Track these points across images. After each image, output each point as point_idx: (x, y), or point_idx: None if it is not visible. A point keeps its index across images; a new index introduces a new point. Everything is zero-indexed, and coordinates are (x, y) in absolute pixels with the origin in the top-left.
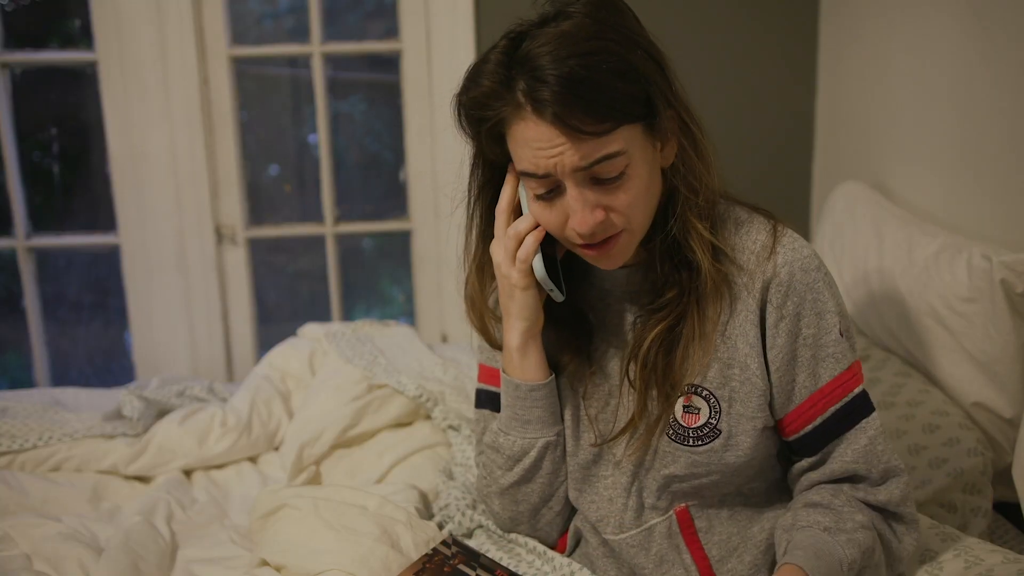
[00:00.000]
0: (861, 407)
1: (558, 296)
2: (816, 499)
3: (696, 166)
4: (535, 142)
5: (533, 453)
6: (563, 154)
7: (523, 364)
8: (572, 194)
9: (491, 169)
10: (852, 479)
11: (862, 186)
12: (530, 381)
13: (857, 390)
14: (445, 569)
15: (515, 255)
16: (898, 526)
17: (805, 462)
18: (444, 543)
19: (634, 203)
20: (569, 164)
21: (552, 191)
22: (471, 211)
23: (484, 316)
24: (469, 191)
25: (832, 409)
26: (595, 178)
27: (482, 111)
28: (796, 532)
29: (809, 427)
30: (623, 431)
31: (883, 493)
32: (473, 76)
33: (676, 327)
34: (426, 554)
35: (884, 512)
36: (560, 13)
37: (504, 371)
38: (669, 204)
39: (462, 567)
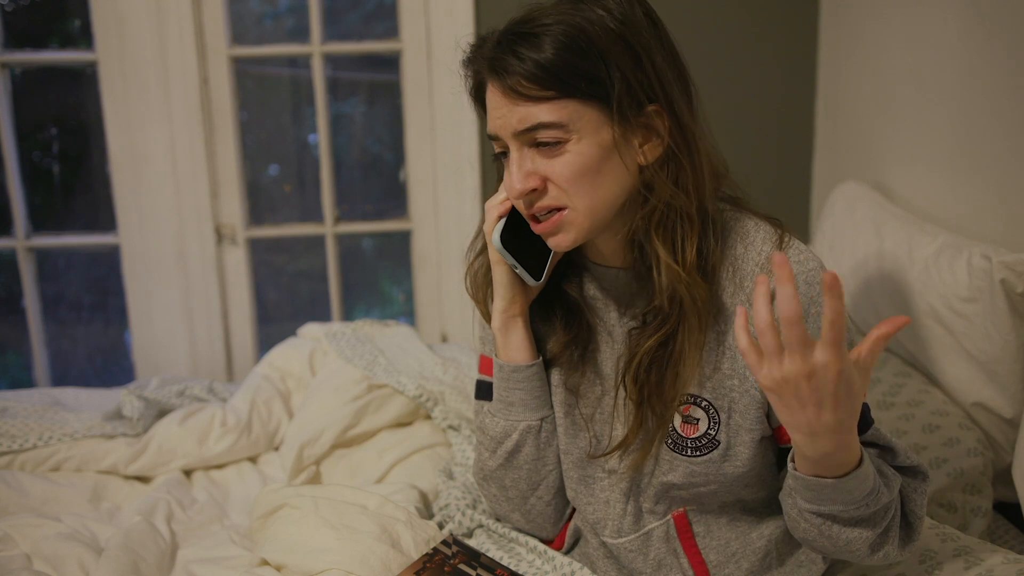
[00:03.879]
0: (866, 416)
1: (525, 276)
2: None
3: (669, 176)
4: (491, 103)
5: (515, 436)
6: (505, 116)
7: (506, 345)
8: (512, 157)
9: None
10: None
11: (862, 186)
12: (512, 362)
13: None
14: (446, 568)
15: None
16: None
17: None
18: (444, 543)
19: (574, 180)
20: (509, 127)
21: (507, 153)
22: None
23: (482, 291)
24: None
25: None
26: (536, 145)
27: (469, 71)
28: None
29: None
30: (618, 447)
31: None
32: (476, 44)
33: (668, 343)
34: (427, 553)
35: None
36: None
37: (495, 353)
38: (637, 205)
39: (462, 566)
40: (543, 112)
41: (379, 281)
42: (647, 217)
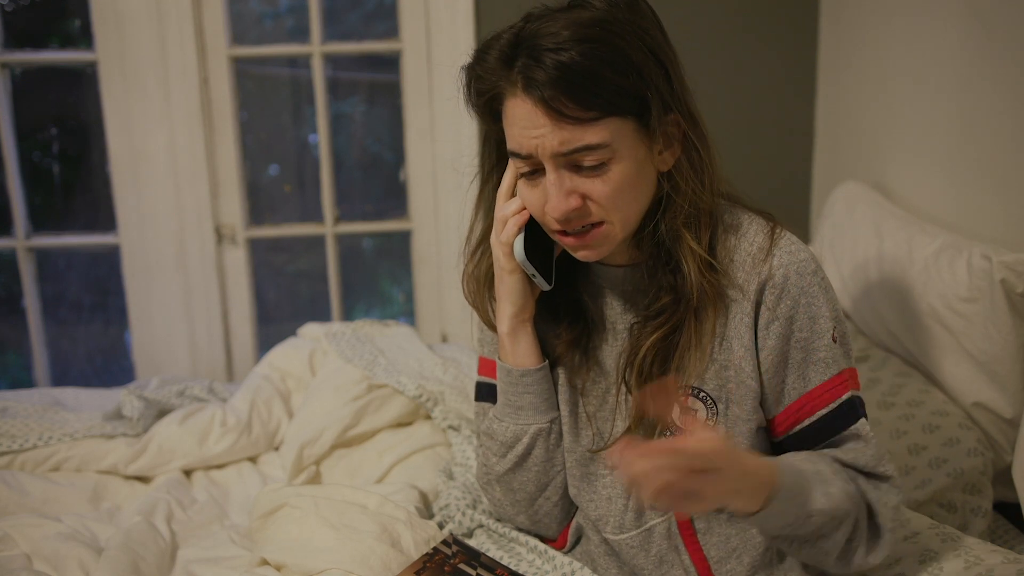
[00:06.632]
0: (848, 413)
1: (542, 283)
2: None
3: (696, 176)
4: (521, 120)
5: (525, 439)
6: (544, 137)
7: (514, 349)
8: (550, 178)
9: (500, 149)
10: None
11: (862, 186)
12: (521, 367)
13: (845, 396)
14: (446, 568)
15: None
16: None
17: None
18: (444, 542)
19: (614, 196)
20: (549, 148)
21: (536, 172)
22: (480, 190)
23: (480, 294)
24: (480, 170)
25: (820, 413)
26: (575, 165)
27: (482, 83)
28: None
29: (797, 428)
30: (619, 440)
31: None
32: (483, 49)
33: (672, 337)
34: (427, 553)
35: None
36: (580, 4)
37: (499, 357)
38: (662, 208)
39: (462, 566)
40: (588, 134)
41: (379, 281)
42: (674, 218)
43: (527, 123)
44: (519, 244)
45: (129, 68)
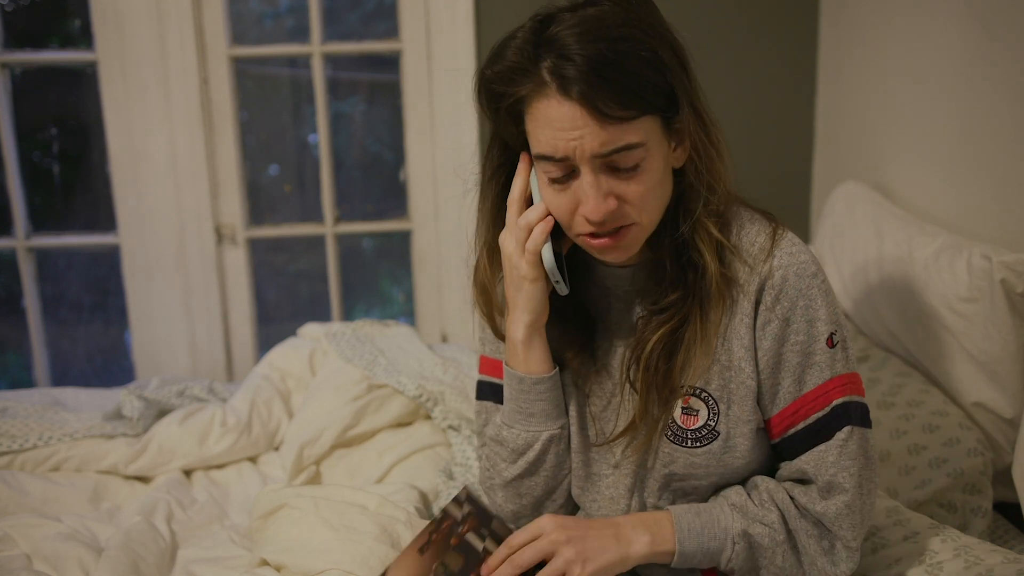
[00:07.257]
0: (841, 417)
1: (563, 289)
2: (752, 482)
3: (715, 167)
4: (557, 122)
5: (537, 446)
6: (583, 138)
7: (527, 357)
8: (587, 180)
9: (506, 152)
10: (802, 480)
11: (862, 186)
12: (534, 374)
13: (838, 401)
14: (452, 541)
15: (525, 246)
16: (837, 545)
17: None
18: (456, 500)
19: (647, 196)
20: (589, 149)
21: (566, 175)
22: (483, 195)
23: (492, 303)
24: (483, 173)
25: (814, 417)
26: (611, 166)
27: (504, 86)
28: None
29: (791, 431)
30: (623, 433)
31: (821, 504)
32: (499, 50)
33: (678, 331)
34: (434, 519)
35: (821, 526)
36: (589, 2)
37: (507, 364)
38: (679, 204)
39: (470, 536)
40: (628, 134)
41: (379, 281)
42: (695, 212)
43: (565, 124)
44: (548, 252)
45: (129, 68)
